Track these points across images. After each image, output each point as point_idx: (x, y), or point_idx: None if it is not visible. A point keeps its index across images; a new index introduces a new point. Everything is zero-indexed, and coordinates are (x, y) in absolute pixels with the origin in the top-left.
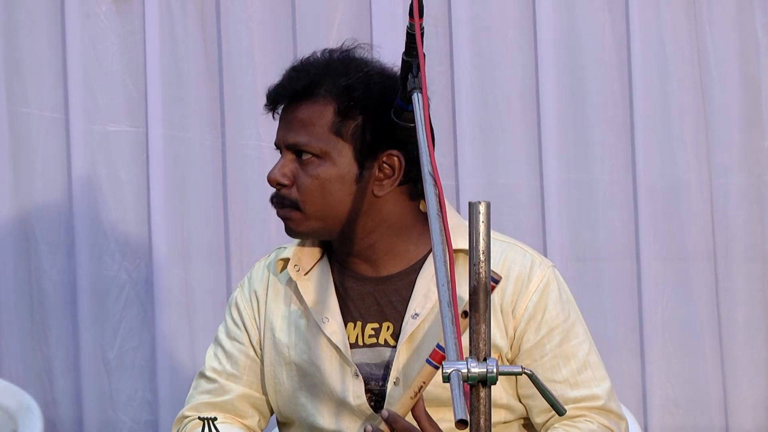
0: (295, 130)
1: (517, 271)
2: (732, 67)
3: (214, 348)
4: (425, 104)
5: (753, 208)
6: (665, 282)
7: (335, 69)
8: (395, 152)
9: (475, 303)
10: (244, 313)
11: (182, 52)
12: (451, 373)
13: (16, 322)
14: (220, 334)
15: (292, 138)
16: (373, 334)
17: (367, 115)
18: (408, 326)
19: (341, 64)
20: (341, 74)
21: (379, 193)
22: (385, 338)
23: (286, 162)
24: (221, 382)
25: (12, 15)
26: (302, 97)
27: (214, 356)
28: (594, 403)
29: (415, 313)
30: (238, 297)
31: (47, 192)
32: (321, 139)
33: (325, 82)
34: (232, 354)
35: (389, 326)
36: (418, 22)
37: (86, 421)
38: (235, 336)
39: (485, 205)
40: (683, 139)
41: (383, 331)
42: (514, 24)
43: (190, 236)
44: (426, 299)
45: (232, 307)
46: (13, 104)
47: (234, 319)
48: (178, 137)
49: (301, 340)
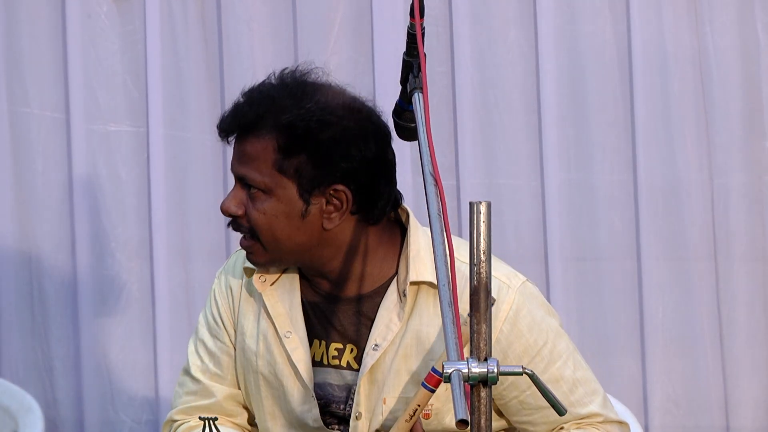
0: (242, 163)
1: None
2: (733, 68)
3: (195, 342)
4: (426, 104)
5: (753, 208)
6: (666, 282)
7: (280, 103)
8: (341, 186)
9: (476, 303)
10: (221, 309)
11: (183, 51)
12: (452, 373)
13: (17, 322)
14: (201, 327)
15: (240, 171)
16: (336, 355)
17: (310, 151)
18: (368, 358)
19: (288, 97)
20: (285, 109)
21: (329, 227)
22: (348, 361)
23: (237, 192)
24: (206, 383)
25: (13, 15)
26: (248, 131)
27: (196, 353)
28: (595, 419)
29: (375, 345)
30: (216, 290)
31: (48, 191)
32: (265, 174)
33: (268, 118)
34: (214, 353)
35: (353, 348)
36: (419, 22)
37: (87, 421)
38: (215, 334)
39: (486, 205)
40: (684, 140)
41: (347, 352)
42: (515, 24)
43: (190, 236)
44: (387, 330)
45: (212, 299)
46: (14, 104)
47: (213, 315)
48: (179, 137)
49: (267, 351)
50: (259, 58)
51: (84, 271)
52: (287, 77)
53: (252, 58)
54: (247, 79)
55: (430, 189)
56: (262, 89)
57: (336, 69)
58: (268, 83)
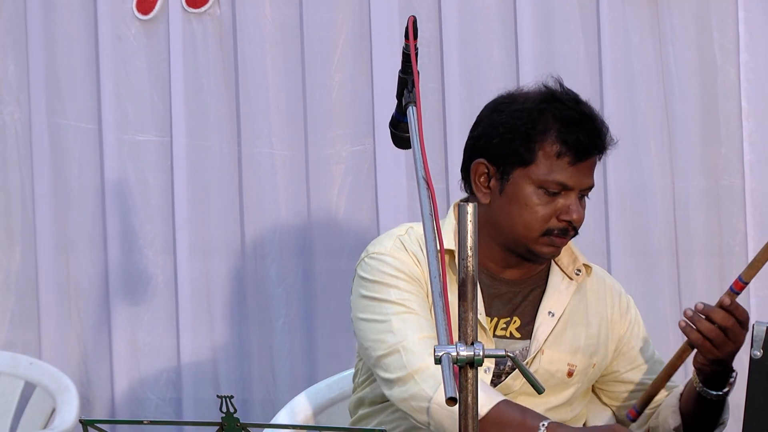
0: (590, 176)
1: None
2: (692, 83)
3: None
4: (419, 116)
5: (711, 208)
6: (633, 275)
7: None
8: None
9: (464, 293)
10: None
11: (203, 69)
12: (442, 356)
13: (56, 311)
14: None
15: (591, 182)
16: (504, 326)
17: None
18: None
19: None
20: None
21: None
22: (511, 331)
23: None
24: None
25: (51, 37)
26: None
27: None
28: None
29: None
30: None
31: (83, 194)
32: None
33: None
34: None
35: (516, 320)
36: (413, 43)
37: (117, 399)
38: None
39: (472, 207)
40: (649, 147)
41: (511, 324)
42: (498, 45)
43: (209, 234)
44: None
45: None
46: (53, 116)
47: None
48: (199, 146)
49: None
50: (271, 75)
51: (115, 265)
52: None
53: (265, 75)
54: (261, 94)
55: (422, 192)
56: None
57: (339, 85)
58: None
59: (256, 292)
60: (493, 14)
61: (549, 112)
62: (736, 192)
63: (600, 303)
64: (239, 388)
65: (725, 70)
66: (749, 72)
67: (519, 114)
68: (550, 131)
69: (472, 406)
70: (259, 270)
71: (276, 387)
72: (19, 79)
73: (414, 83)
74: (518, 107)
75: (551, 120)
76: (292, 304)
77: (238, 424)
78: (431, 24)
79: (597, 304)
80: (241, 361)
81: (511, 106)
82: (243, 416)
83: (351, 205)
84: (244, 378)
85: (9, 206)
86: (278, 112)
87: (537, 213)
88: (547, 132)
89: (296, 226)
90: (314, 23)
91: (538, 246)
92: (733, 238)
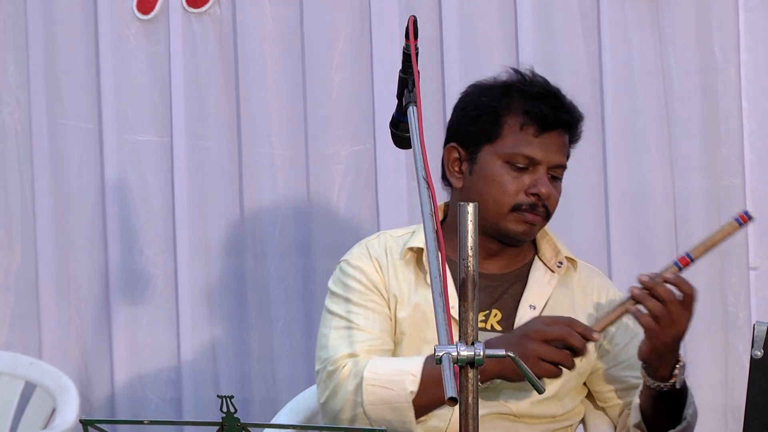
0: (561, 153)
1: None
2: (692, 83)
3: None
4: (419, 116)
5: (711, 208)
6: (633, 274)
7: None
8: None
9: (464, 293)
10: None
11: (203, 69)
12: (442, 356)
13: (56, 310)
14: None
15: (562, 160)
16: (484, 319)
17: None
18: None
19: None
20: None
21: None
22: (491, 324)
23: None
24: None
25: (51, 37)
26: (568, 126)
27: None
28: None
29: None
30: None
31: (83, 194)
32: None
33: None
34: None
35: (497, 313)
36: (413, 43)
37: (117, 399)
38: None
39: (473, 206)
40: (649, 147)
41: (491, 317)
42: (498, 45)
43: (209, 233)
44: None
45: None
46: (53, 116)
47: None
48: (199, 146)
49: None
50: (271, 75)
51: (115, 264)
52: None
53: (265, 75)
54: (260, 94)
55: (423, 191)
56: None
57: (339, 85)
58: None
59: (256, 292)
60: (493, 14)
61: (514, 87)
62: (736, 192)
63: (587, 299)
64: (239, 388)
65: (725, 70)
66: (749, 72)
67: (486, 91)
68: (514, 104)
69: (472, 406)
70: (259, 270)
71: (276, 387)
72: (19, 79)
73: (414, 83)
74: (485, 88)
75: (516, 95)
76: (292, 304)
77: (238, 424)
78: (431, 24)
79: (584, 300)
80: (241, 361)
81: (479, 88)
82: (243, 416)
83: (351, 205)
84: (244, 378)
85: (9, 206)
86: (278, 112)
87: (505, 187)
88: (511, 105)
89: (296, 226)
90: (314, 23)
91: (508, 223)
92: (733, 238)
